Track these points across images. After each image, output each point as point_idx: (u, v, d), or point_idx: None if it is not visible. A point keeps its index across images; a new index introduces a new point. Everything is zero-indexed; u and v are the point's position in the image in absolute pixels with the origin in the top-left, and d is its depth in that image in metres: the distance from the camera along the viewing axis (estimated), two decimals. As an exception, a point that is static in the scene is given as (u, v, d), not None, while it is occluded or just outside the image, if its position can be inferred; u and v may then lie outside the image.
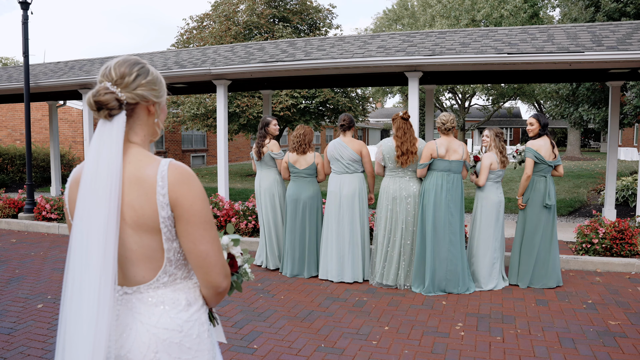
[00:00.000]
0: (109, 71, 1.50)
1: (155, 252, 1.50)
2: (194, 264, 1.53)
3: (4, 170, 15.93)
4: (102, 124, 1.47)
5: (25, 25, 9.32)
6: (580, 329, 4.42)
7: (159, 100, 1.59)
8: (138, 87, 1.51)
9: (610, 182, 8.91)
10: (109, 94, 1.46)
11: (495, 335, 4.33)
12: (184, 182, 1.49)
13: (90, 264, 1.38)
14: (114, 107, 1.46)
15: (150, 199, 1.46)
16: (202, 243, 1.50)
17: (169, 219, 1.49)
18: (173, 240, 1.51)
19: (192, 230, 1.50)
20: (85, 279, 1.38)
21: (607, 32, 7.66)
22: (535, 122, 5.69)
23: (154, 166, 1.49)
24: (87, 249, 1.39)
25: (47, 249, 7.64)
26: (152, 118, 1.59)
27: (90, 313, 1.36)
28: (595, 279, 5.94)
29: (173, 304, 1.53)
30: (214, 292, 1.58)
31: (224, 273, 1.57)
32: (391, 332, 4.40)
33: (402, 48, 7.90)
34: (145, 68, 1.55)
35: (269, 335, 4.31)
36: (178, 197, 1.47)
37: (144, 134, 1.58)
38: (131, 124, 1.54)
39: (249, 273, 1.77)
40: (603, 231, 6.52)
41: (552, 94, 17.02)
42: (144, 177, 1.48)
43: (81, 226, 1.41)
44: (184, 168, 1.52)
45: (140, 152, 1.54)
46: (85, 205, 1.41)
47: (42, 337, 4.22)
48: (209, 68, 8.30)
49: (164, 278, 1.53)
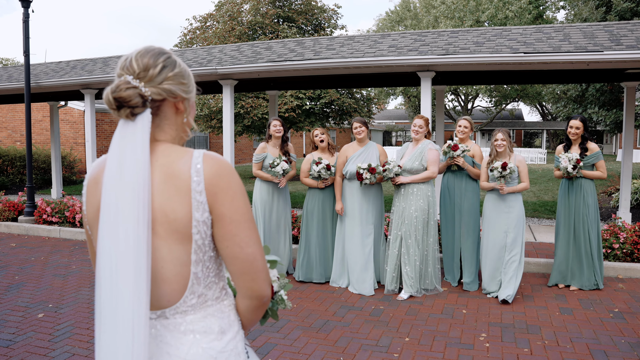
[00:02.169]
0: (129, 63, 1.28)
1: (182, 266, 1.28)
2: (238, 271, 1.31)
3: (4, 172, 15.70)
4: (123, 125, 1.25)
5: (26, 24, 9.11)
6: (611, 340, 4.19)
7: (189, 95, 1.37)
8: (164, 80, 1.29)
9: (625, 185, 8.69)
10: (131, 89, 1.24)
11: (522, 346, 4.10)
12: (222, 175, 1.28)
13: (120, 286, 1.18)
14: (136, 105, 1.24)
15: (183, 198, 1.25)
16: (249, 245, 1.29)
17: (204, 224, 1.26)
18: (205, 251, 1.29)
19: (238, 231, 1.28)
20: (117, 302, 1.18)
21: (625, 31, 7.44)
22: (582, 125, 5.50)
23: (187, 160, 1.27)
24: (117, 270, 1.18)
25: (47, 253, 7.41)
26: (180, 116, 1.37)
27: (125, 344, 1.17)
28: (618, 286, 5.71)
29: (205, 332, 1.31)
30: (258, 304, 1.36)
31: (269, 280, 1.37)
32: (412, 343, 4.17)
33: (414, 47, 7.69)
34: (172, 59, 1.33)
35: (284, 347, 4.08)
36: (217, 192, 1.26)
37: (174, 133, 1.37)
38: (157, 122, 1.32)
39: (285, 300, 1.57)
40: (624, 236, 6.30)
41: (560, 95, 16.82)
42: (175, 174, 1.26)
43: (108, 246, 1.20)
44: (221, 159, 1.30)
45: (168, 147, 1.32)
46: (110, 221, 1.20)
47: (43, 350, 3.99)
48: (215, 68, 8.09)
49: (191, 299, 1.30)
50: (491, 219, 5.39)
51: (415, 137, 5.54)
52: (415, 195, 5.36)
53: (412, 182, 5.38)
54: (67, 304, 5.12)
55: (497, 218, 5.33)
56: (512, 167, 5.19)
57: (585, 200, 5.48)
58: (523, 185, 5.31)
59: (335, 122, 17.91)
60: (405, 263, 5.35)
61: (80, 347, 4.05)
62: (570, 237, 5.58)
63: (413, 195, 5.37)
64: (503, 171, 5.16)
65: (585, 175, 5.48)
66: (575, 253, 5.56)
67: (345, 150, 5.81)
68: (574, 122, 5.52)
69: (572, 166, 5.38)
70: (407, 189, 5.41)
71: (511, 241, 5.26)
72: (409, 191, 5.40)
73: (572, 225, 5.56)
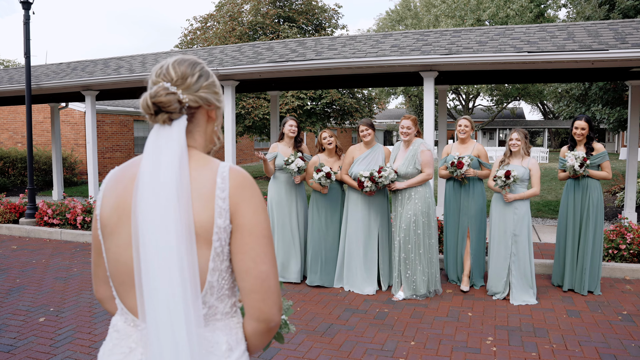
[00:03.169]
0: (166, 70, 1.32)
1: (199, 273, 1.25)
2: (249, 288, 1.27)
3: (5, 173, 15.66)
4: (158, 130, 1.27)
5: (27, 26, 9.06)
6: (621, 344, 4.13)
7: (220, 104, 1.43)
8: (200, 89, 1.34)
9: (630, 185, 8.62)
10: (170, 95, 1.27)
11: (529, 350, 4.04)
12: (246, 187, 1.29)
13: (171, 289, 1.17)
14: (174, 110, 1.27)
15: (207, 204, 1.24)
16: (264, 262, 1.27)
17: (225, 231, 1.25)
18: (222, 260, 1.27)
19: (254, 245, 1.26)
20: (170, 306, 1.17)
21: (630, 29, 7.37)
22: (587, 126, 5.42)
23: (213, 168, 1.29)
24: (167, 272, 1.17)
25: (49, 256, 7.36)
26: (211, 125, 1.42)
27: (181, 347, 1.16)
28: (625, 287, 5.64)
29: (211, 347, 1.25)
30: (265, 328, 1.30)
31: (280, 304, 1.31)
32: (418, 347, 4.10)
33: (416, 47, 7.62)
34: (206, 69, 1.38)
35: (288, 352, 4.02)
36: (240, 202, 1.26)
37: (203, 141, 1.40)
38: (190, 128, 1.35)
39: (289, 324, 1.55)
40: (631, 236, 6.23)
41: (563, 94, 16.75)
42: (201, 179, 1.27)
43: (153, 256, 1.17)
44: (245, 173, 1.32)
45: (197, 153, 1.35)
46: (152, 223, 1.18)
47: (44, 355, 3.94)
48: (216, 68, 8.03)
49: (202, 310, 1.26)
50: (497, 220, 5.33)
51: (405, 139, 5.42)
52: (414, 199, 5.29)
53: (409, 187, 5.31)
54: (69, 308, 5.06)
55: (504, 219, 5.27)
56: (516, 174, 5.11)
57: (591, 199, 5.40)
58: (532, 192, 5.23)
59: (336, 122, 17.86)
60: (406, 267, 5.28)
61: (82, 352, 4.00)
62: (573, 236, 5.48)
63: (411, 199, 5.30)
64: (507, 180, 5.10)
65: (592, 175, 5.41)
66: (575, 254, 5.48)
67: (351, 151, 5.75)
68: (579, 123, 5.44)
69: (579, 164, 5.30)
70: (404, 193, 5.33)
71: (517, 242, 5.19)
72: (406, 195, 5.32)
73: (575, 225, 5.47)
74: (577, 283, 5.44)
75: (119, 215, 1.29)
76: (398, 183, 5.32)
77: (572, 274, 5.50)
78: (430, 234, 5.33)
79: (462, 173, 5.49)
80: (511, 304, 5.15)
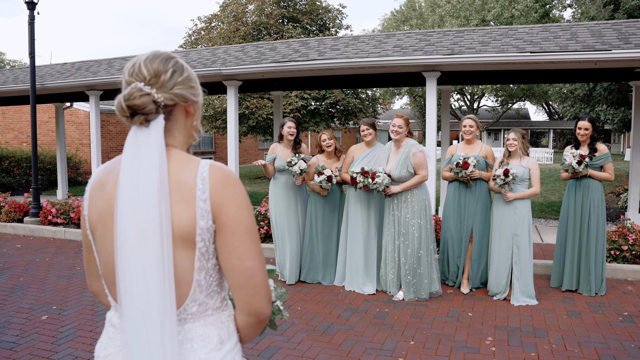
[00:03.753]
0: (138, 69, 1.27)
1: (185, 273, 1.26)
2: (237, 284, 1.28)
3: (10, 173, 15.77)
4: (136, 132, 1.24)
5: (32, 26, 9.13)
6: (621, 345, 4.12)
7: (198, 99, 1.38)
8: (175, 85, 1.29)
9: (634, 185, 8.59)
10: (144, 97, 1.23)
11: (528, 350, 4.03)
12: (228, 185, 1.27)
13: (147, 292, 1.18)
14: (150, 112, 1.24)
15: (188, 205, 1.24)
16: (249, 259, 1.27)
17: (208, 231, 1.25)
18: (208, 259, 1.27)
19: (239, 243, 1.26)
20: (145, 307, 1.18)
21: (634, 29, 7.35)
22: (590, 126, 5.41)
23: (193, 168, 1.27)
24: (143, 275, 1.18)
25: (52, 255, 7.41)
26: (190, 120, 1.38)
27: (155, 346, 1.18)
28: (627, 288, 5.63)
29: (203, 341, 1.28)
30: (256, 321, 1.33)
31: (269, 297, 1.33)
32: (417, 347, 4.11)
33: (419, 47, 7.63)
34: (180, 63, 1.33)
35: (287, 350, 4.03)
36: (221, 202, 1.25)
37: (182, 137, 1.37)
38: (168, 127, 1.32)
39: (282, 310, 1.54)
40: (633, 237, 6.20)
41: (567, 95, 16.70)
42: (181, 181, 1.25)
43: (130, 255, 1.18)
44: (227, 170, 1.30)
45: (176, 153, 1.32)
46: (131, 228, 1.18)
47: (46, 353, 3.97)
48: (219, 68, 8.07)
49: (192, 307, 1.28)
50: (498, 220, 5.32)
51: (396, 138, 5.30)
52: (410, 202, 5.24)
53: (405, 190, 5.24)
54: (71, 306, 5.10)
55: (504, 219, 5.26)
56: (515, 173, 5.10)
57: (592, 200, 5.38)
58: (532, 191, 5.23)
59: (340, 123, 17.87)
60: (406, 272, 5.26)
61: (83, 349, 4.03)
62: (573, 237, 5.46)
63: (407, 202, 5.25)
64: (506, 178, 5.08)
65: (593, 175, 5.39)
66: (578, 255, 5.47)
67: (352, 150, 5.76)
68: (582, 123, 5.43)
69: (576, 161, 5.27)
70: (400, 197, 5.27)
71: (518, 242, 5.19)
72: (403, 199, 5.26)
73: (576, 225, 5.45)
74: (584, 284, 5.42)
75: (105, 221, 1.30)
76: (393, 187, 5.25)
77: (572, 275, 5.49)
78: (429, 237, 5.32)
79: (468, 174, 5.41)
80: (512, 304, 5.15)
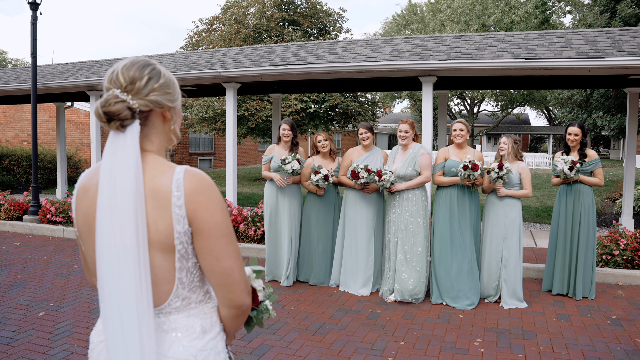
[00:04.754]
0: (116, 76, 1.34)
1: (167, 272, 1.35)
2: (216, 282, 1.37)
3: (10, 171, 15.85)
4: (114, 136, 1.31)
5: (34, 26, 9.23)
6: (607, 347, 4.20)
7: (174, 104, 1.43)
8: (151, 92, 1.35)
9: (628, 191, 8.67)
10: (119, 103, 1.30)
11: (516, 352, 4.11)
12: (202, 191, 1.33)
13: (125, 293, 1.25)
14: (126, 117, 1.30)
15: (164, 211, 1.31)
16: (225, 259, 1.35)
17: (185, 234, 1.33)
18: (188, 259, 1.36)
19: (215, 246, 1.34)
20: (122, 307, 1.25)
21: (627, 37, 7.44)
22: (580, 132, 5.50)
23: (168, 175, 1.33)
24: (121, 278, 1.25)
25: (51, 253, 7.49)
26: (167, 124, 1.44)
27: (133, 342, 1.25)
28: (617, 293, 5.70)
29: (186, 330, 1.38)
30: (237, 312, 1.42)
31: (247, 290, 1.42)
32: (407, 347, 4.19)
33: (416, 52, 7.72)
34: (157, 70, 1.39)
35: (279, 349, 4.11)
36: (196, 208, 1.32)
37: (159, 142, 1.43)
38: (145, 132, 1.38)
39: (270, 310, 1.61)
40: (624, 242, 6.28)
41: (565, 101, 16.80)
42: (157, 188, 1.32)
43: (107, 255, 1.26)
44: (201, 175, 1.36)
45: (153, 159, 1.38)
46: (107, 231, 1.26)
47: (42, 348, 4.05)
48: (218, 71, 8.16)
49: (176, 302, 1.38)
50: (489, 225, 5.40)
51: (403, 143, 5.48)
52: (410, 201, 5.38)
53: (407, 188, 5.39)
54: (68, 303, 5.18)
55: (495, 223, 5.34)
56: (509, 167, 5.19)
57: (583, 205, 5.46)
58: (524, 192, 5.31)
59: (339, 126, 17.95)
60: (402, 270, 5.35)
61: (79, 345, 4.11)
62: (564, 241, 5.53)
63: (408, 201, 5.38)
64: (500, 171, 5.16)
65: (583, 181, 5.48)
66: (568, 259, 5.54)
67: (350, 153, 5.85)
68: (572, 129, 5.52)
69: (568, 167, 5.36)
70: (401, 195, 5.41)
71: (508, 246, 5.26)
72: (404, 197, 5.40)
73: (567, 230, 5.53)
74: (571, 288, 5.50)
75: (89, 224, 1.37)
76: (398, 184, 5.39)
77: (562, 279, 5.56)
78: (426, 237, 5.41)
79: (476, 177, 5.27)
80: (502, 307, 5.22)
